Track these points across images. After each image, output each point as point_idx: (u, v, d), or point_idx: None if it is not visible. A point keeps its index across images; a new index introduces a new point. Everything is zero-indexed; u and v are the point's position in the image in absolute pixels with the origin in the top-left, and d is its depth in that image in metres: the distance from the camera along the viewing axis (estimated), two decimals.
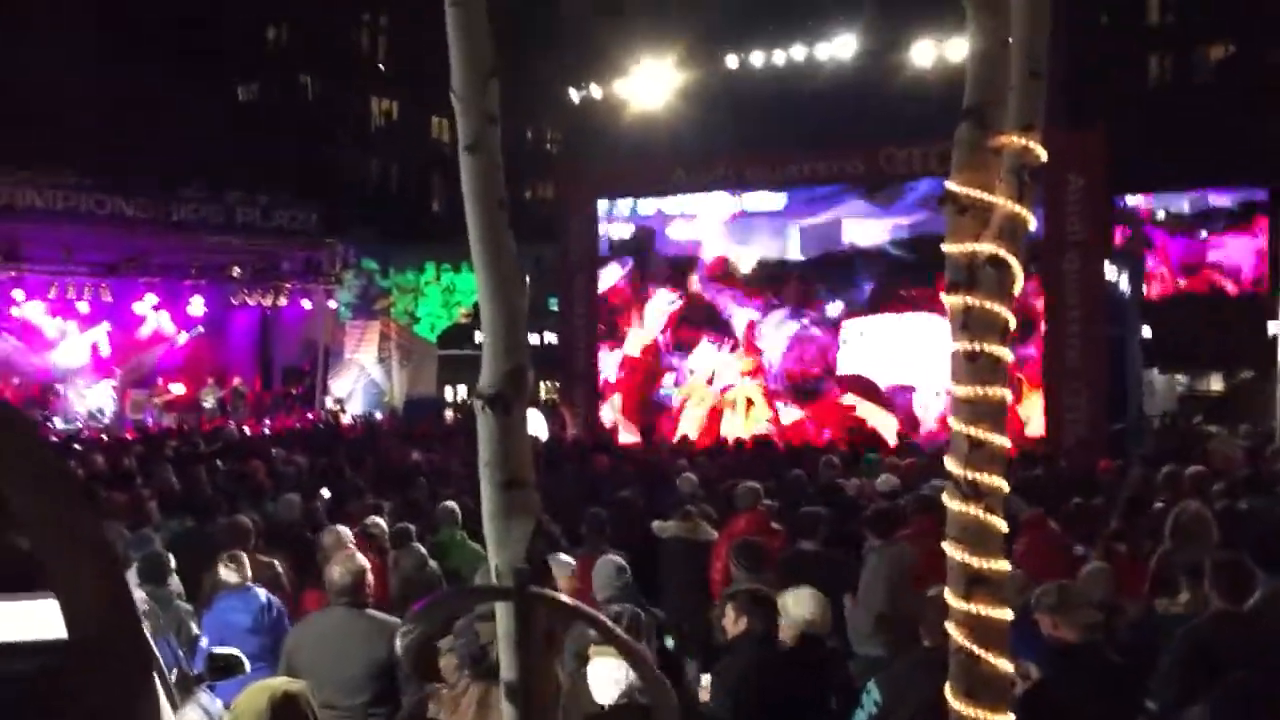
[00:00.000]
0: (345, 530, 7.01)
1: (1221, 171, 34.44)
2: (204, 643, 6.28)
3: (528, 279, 34.52)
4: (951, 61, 16.81)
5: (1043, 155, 3.26)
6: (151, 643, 3.35)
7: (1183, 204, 37.07)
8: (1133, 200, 35.32)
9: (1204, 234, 36.65)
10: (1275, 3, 35.91)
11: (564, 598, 2.32)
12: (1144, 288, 21.42)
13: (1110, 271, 18.37)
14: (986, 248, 3.21)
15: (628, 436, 20.44)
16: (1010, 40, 3.37)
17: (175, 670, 4.82)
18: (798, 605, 5.59)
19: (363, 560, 5.51)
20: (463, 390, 37.97)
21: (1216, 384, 35.44)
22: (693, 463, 12.47)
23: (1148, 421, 21.64)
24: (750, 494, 8.44)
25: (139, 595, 4.71)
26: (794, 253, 21.77)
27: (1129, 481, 9.93)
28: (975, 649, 3.24)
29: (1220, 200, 36.51)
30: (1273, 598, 5.55)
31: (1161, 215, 37.08)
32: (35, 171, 23.04)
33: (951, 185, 3.35)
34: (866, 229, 21.01)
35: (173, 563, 6.42)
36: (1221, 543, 6.73)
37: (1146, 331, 23.71)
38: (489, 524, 2.97)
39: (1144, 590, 6.59)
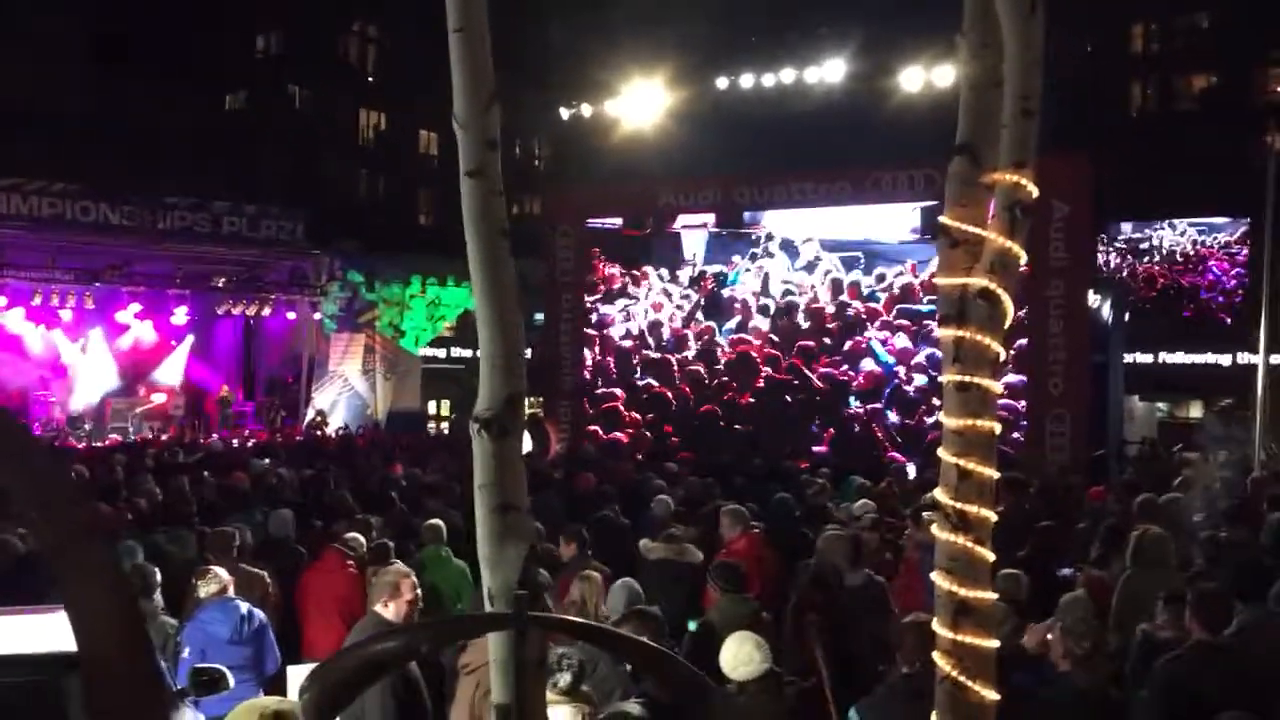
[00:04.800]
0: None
1: (1202, 199, 34.78)
2: (186, 653, 6.27)
3: None
4: (939, 87, 16.96)
5: (1034, 192, 3.32)
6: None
7: (1162, 231, 37.41)
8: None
9: (1183, 261, 37.00)
10: (1257, 32, 36.39)
11: (571, 618, 2.35)
12: (1126, 314, 21.54)
13: (1093, 298, 18.50)
14: (978, 281, 3.26)
15: None
16: (1003, 78, 3.43)
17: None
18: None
19: None
20: (445, 404, 37.95)
21: (1195, 411, 35.73)
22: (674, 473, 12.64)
23: (1126, 448, 21.78)
24: (739, 516, 8.51)
25: None
26: None
27: (1109, 509, 9.99)
28: (962, 678, 3.27)
29: (1200, 228, 36.87)
30: (1250, 628, 5.62)
31: (1144, 244, 37.42)
32: (20, 178, 22.95)
33: (945, 219, 3.40)
34: None
35: (158, 576, 6.41)
36: (1203, 572, 6.80)
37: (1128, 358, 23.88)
38: (483, 547, 3.00)
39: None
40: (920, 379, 19.17)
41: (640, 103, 19.10)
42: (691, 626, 6.69)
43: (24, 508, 1.38)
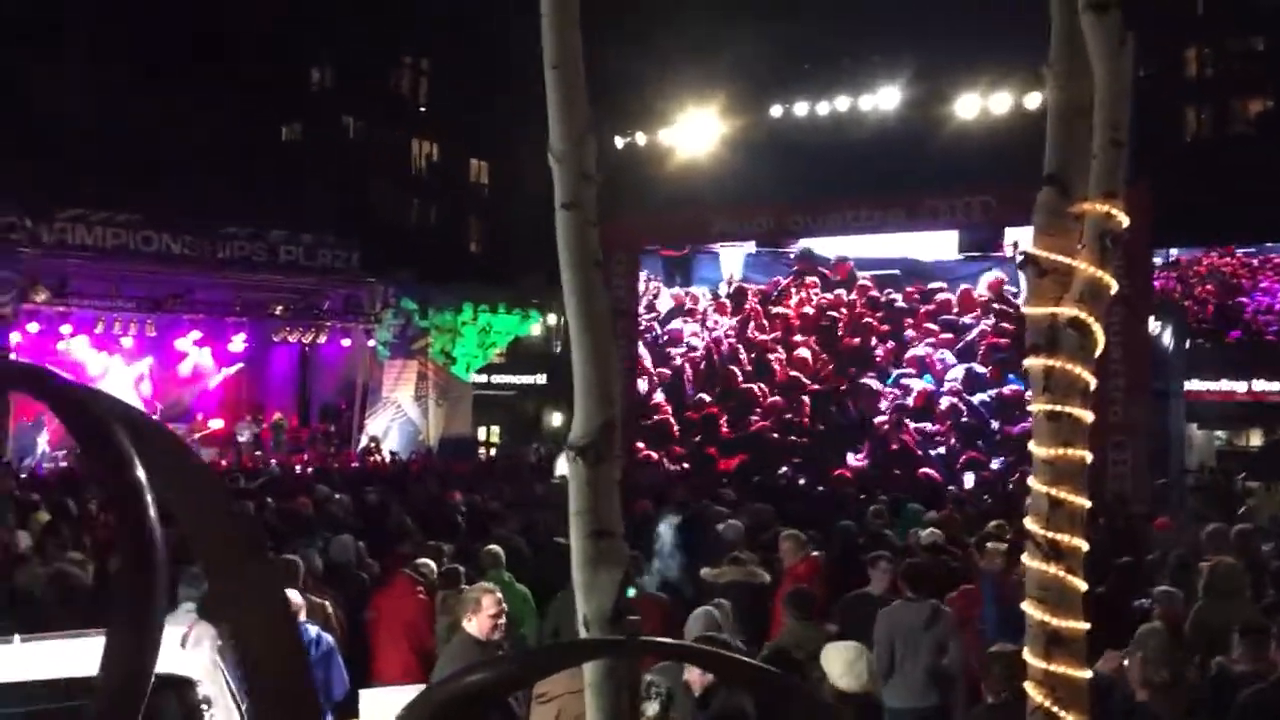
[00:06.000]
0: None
1: (1259, 223, 34.28)
2: None
3: (563, 320, 34.56)
4: (993, 113, 16.90)
5: (1125, 221, 3.32)
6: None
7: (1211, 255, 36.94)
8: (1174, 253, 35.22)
9: (1244, 285, 36.46)
10: None
11: (672, 641, 2.38)
12: (1186, 341, 21.27)
13: (1153, 326, 18.30)
14: (1068, 311, 3.26)
15: None
16: (1088, 109, 3.44)
17: (242, 710, 4.88)
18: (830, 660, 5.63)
19: None
20: (495, 430, 38.14)
21: (1255, 439, 35.08)
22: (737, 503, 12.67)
23: (1186, 477, 21.46)
24: (800, 542, 8.53)
25: (210, 633, 4.78)
26: None
27: (1178, 539, 9.86)
28: (1054, 708, 3.26)
29: (1247, 250, 36.36)
30: None
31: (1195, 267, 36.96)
32: (85, 209, 23.50)
33: (1032, 249, 3.41)
34: None
35: None
36: (1276, 603, 6.69)
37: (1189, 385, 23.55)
38: (578, 572, 3.04)
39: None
40: (980, 396, 19.33)
41: (695, 131, 19.21)
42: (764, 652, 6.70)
43: (186, 524, 1.43)
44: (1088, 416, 3.26)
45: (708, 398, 21.73)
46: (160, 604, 1.18)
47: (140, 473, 1.19)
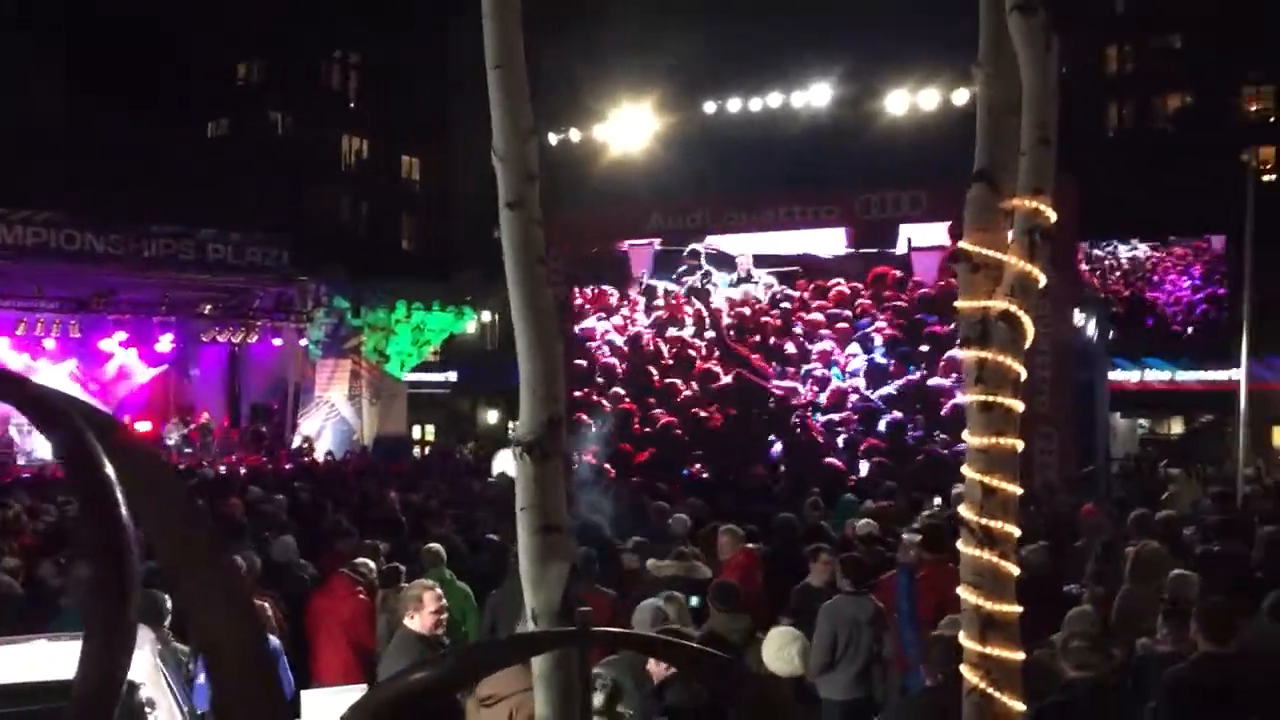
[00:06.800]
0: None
1: (1179, 217, 35.16)
2: (201, 679, 6.29)
3: (498, 316, 34.32)
4: (924, 110, 17.16)
5: (1053, 217, 3.43)
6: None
7: (1140, 250, 37.80)
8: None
9: (1159, 279, 37.39)
10: (1230, 53, 36.93)
11: (630, 632, 2.42)
12: (1110, 332, 21.79)
13: (1078, 317, 18.72)
14: (999, 304, 3.37)
15: None
16: (1018, 106, 3.54)
17: (184, 712, 4.85)
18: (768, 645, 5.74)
19: None
20: (430, 429, 37.88)
21: (1176, 427, 36.03)
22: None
23: (1111, 465, 21.96)
24: (735, 536, 8.65)
25: (150, 636, 4.73)
26: None
27: (1104, 525, 10.12)
28: (990, 689, 3.36)
29: (1177, 247, 37.26)
30: (1253, 639, 5.73)
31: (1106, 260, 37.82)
32: (5, 208, 22.90)
33: (965, 244, 3.51)
34: None
35: (169, 603, 6.43)
36: (1202, 585, 6.91)
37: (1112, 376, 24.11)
38: (526, 568, 3.07)
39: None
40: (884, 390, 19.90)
41: (628, 127, 19.25)
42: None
43: (148, 526, 1.45)
44: (1019, 406, 3.36)
45: (622, 391, 22.05)
46: (133, 607, 1.20)
47: (112, 476, 1.21)
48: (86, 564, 1.32)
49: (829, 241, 20.68)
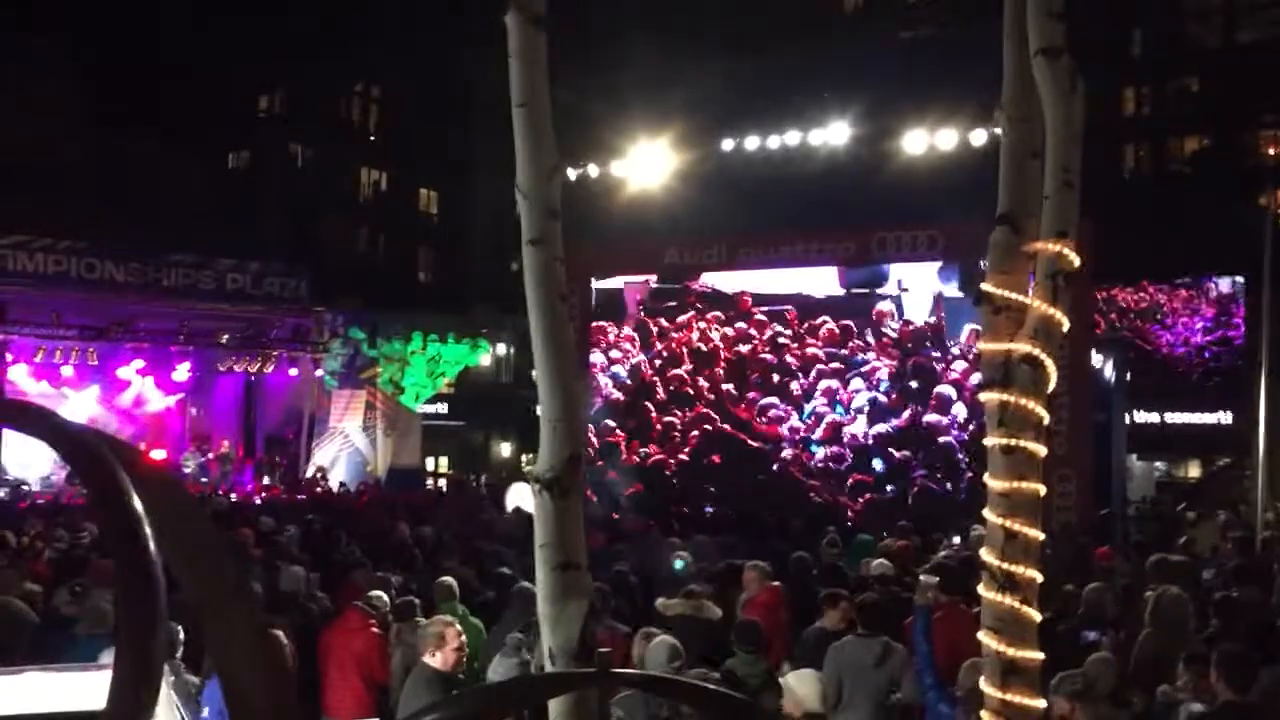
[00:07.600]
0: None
1: (1197, 260, 35.06)
2: (205, 713, 6.26)
3: (513, 350, 34.26)
4: (941, 150, 17.20)
5: (1076, 261, 3.42)
6: None
7: (1159, 293, 37.67)
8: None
9: (1177, 322, 37.22)
10: (1246, 95, 36.95)
11: (651, 673, 2.40)
12: (1128, 374, 21.69)
13: (1096, 359, 18.65)
14: (1022, 347, 3.35)
15: None
16: (1040, 150, 3.54)
17: None
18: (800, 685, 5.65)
19: None
20: (444, 461, 37.85)
21: (1194, 470, 35.76)
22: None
23: (1128, 508, 21.81)
24: (763, 574, 8.62)
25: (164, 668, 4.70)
26: None
27: (1122, 569, 10.03)
28: None
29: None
30: (1273, 687, 5.65)
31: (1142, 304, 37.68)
32: (26, 235, 23.12)
33: (987, 286, 3.50)
34: None
35: (181, 634, 6.42)
36: (1219, 632, 6.83)
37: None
38: (544, 605, 3.05)
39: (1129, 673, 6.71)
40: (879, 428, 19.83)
41: (646, 163, 19.35)
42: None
43: (175, 564, 1.44)
44: (1041, 450, 3.34)
45: (612, 423, 22.08)
46: (161, 640, 1.20)
47: (140, 510, 1.21)
48: (115, 597, 1.31)
49: (821, 281, 20.74)
